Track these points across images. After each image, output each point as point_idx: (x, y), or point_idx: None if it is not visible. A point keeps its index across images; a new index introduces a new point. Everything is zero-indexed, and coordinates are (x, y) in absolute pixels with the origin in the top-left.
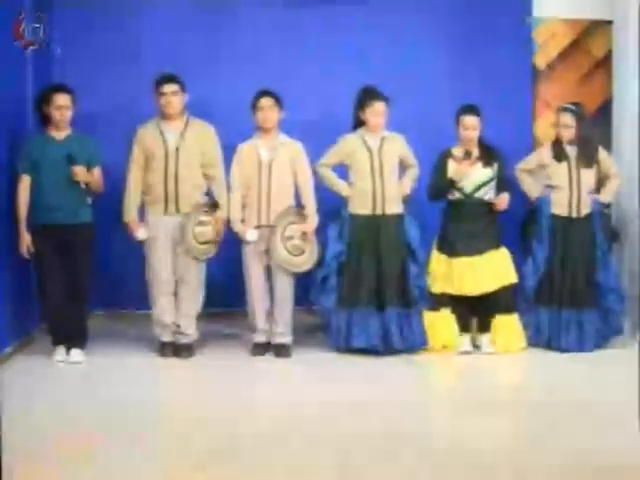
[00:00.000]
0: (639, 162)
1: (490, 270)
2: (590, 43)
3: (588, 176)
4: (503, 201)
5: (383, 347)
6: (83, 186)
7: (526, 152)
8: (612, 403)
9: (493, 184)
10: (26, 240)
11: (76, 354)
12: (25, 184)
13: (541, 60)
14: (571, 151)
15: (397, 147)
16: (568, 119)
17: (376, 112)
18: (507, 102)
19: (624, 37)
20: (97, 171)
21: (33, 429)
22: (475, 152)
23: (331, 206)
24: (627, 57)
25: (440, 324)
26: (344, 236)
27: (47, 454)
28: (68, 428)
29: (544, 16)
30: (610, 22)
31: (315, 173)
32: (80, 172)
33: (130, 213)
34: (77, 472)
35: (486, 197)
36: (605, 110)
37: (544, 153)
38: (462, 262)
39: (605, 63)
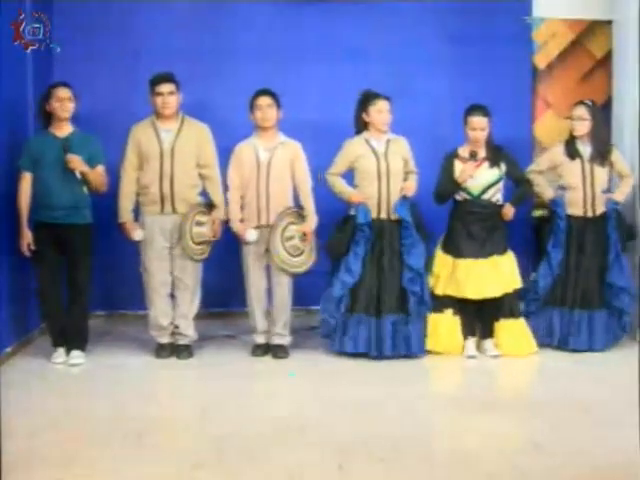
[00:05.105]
0: (639, 161)
1: (494, 276)
2: (590, 43)
3: (601, 174)
4: (509, 212)
5: (376, 353)
6: (79, 176)
7: (526, 152)
8: (612, 403)
9: (501, 185)
10: (27, 238)
11: (76, 356)
12: (26, 181)
13: (541, 60)
14: (584, 150)
15: (401, 149)
16: (583, 111)
17: (381, 109)
18: (507, 102)
19: (624, 37)
20: (101, 169)
21: (33, 429)
22: (482, 152)
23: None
24: (627, 57)
25: (443, 327)
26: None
27: (47, 454)
28: (68, 429)
29: (544, 16)
30: (610, 22)
31: (325, 182)
32: (74, 160)
33: (125, 214)
34: (77, 472)
35: (494, 199)
36: (605, 110)
37: (556, 152)
38: (467, 264)
39: (605, 63)
